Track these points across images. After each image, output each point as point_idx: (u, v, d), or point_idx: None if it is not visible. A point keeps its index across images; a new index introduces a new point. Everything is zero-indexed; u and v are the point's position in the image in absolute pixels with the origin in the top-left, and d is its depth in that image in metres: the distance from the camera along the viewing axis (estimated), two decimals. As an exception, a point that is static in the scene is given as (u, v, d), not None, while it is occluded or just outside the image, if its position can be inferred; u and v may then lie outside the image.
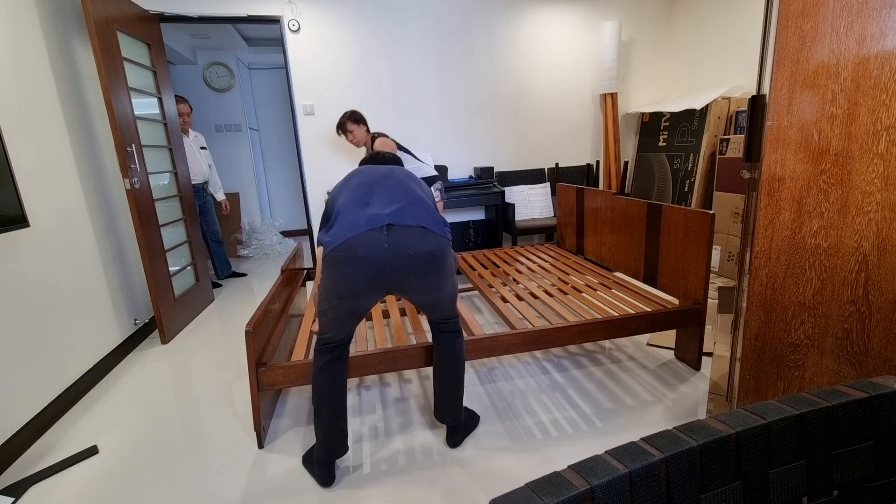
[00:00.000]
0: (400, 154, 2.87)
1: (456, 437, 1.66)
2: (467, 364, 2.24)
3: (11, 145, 1.87)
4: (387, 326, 1.94)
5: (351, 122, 2.90)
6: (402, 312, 2.21)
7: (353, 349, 1.79)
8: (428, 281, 1.43)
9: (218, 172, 4.24)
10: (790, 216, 1.18)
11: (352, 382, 2.15)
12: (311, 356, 1.74)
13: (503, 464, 1.56)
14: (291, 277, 2.41)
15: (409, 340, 1.82)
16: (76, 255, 2.22)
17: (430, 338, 1.89)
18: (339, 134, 2.98)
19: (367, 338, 1.89)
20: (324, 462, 1.51)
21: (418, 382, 2.11)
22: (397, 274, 1.39)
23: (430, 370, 2.22)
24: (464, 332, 1.67)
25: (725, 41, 3.65)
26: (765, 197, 1.21)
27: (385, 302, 2.32)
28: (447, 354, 1.60)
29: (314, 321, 1.69)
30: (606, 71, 3.94)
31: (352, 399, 2.01)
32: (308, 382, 1.69)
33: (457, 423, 1.65)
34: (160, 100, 3.01)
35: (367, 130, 2.98)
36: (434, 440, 1.70)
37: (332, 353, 1.50)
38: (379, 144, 2.85)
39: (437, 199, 3.00)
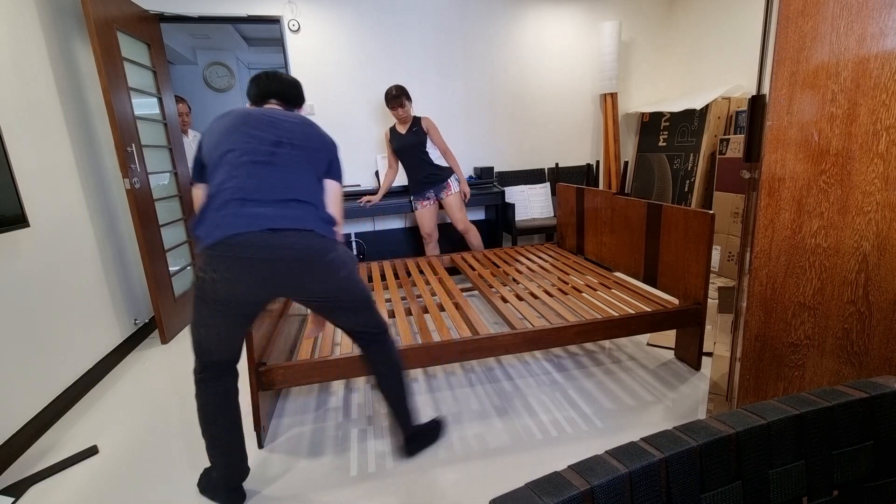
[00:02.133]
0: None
1: (410, 446, 1.58)
2: (472, 364, 2.24)
3: (11, 145, 1.87)
4: (393, 326, 1.94)
5: (406, 98, 3.01)
6: (408, 312, 2.21)
7: (353, 350, 1.79)
8: (319, 287, 1.30)
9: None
10: (790, 216, 1.18)
11: (360, 381, 2.15)
12: (316, 355, 1.74)
13: (503, 463, 1.56)
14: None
15: (414, 340, 1.81)
16: (76, 255, 2.22)
17: (436, 338, 1.88)
18: (389, 106, 3.03)
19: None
20: (232, 486, 1.42)
21: (424, 381, 2.11)
22: (285, 282, 1.26)
23: (437, 369, 2.22)
24: (390, 337, 1.52)
25: (725, 41, 3.65)
26: (765, 197, 1.21)
27: (390, 301, 2.32)
28: (379, 364, 1.47)
29: (311, 326, 1.65)
30: (606, 71, 3.94)
31: (359, 398, 2.01)
32: (308, 382, 1.69)
33: (409, 433, 1.55)
34: (160, 100, 3.01)
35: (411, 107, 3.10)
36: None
37: (220, 376, 1.34)
38: (426, 121, 3.10)
39: (456, 191, 3.18)
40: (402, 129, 3.14)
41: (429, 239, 3.32)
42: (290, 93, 1.51)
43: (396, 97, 2.97)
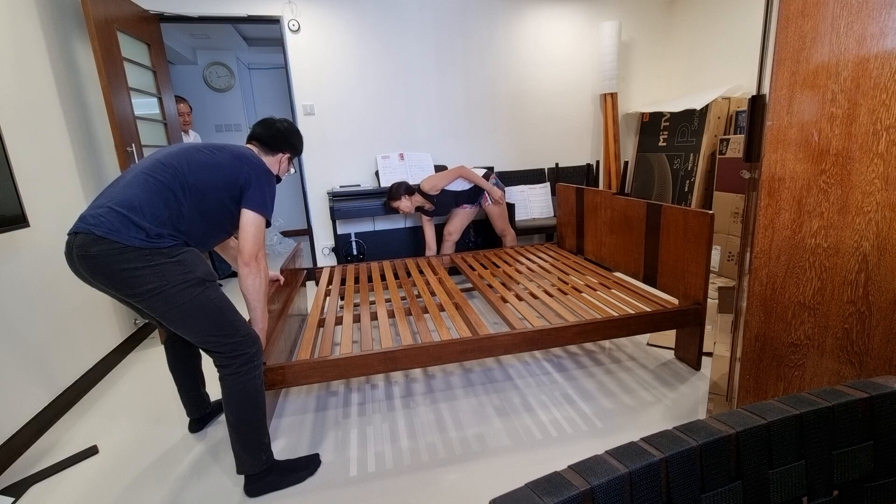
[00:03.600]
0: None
1: (249, 486, 1.48)
2: (471, 364, 2.24)
3: (11, 145, 1.87)
4: (392, 326, 1.95)
5: (392, 200, 3.17)
6: (408, 312, 2.21)
7: (360, 348, 1.79)
8: (119, 292, 1.33)
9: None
10: (790, 216, 1.18)
11: (360, 381, 2.16)
12: (316, 355, 1.74)
13: (503, 464, 1.56)
14: (291, 278, 2.41)
15: (414, 340, 1.81)
16: (76, 255, 2.22)
17: (435, 337, 1.88)
18: (391, 208, 3.25)
19: (374, 337, 1.89)
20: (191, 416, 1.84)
21: (423, 381, 2.11)
22: (86, 279, 1.35)
23: (436, 369, 2.23)
24: (246, 369, 1.43)
25: (725, 41, 3.65)
26: (765, 197, 1.21)
27: (390, 301, 2.32)
28: (222, 390, 1.43)
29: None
30: (606, 71, 3.94)
31: (359, 398, 2.01)
32: (308, 382, 1.69)
33: (243, 472, 1.47)
34: (160, 100, 3.01)
35: (411, 194, 3.17)
36: (437, 441, 1.70)
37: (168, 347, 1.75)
38: (427, 185, 3.15)
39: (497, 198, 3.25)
40: (429, 206, 3.24)
41: (448, 237, 3.35)
42: (270, 140, 1.64)
43: (385, 202, 3.23)
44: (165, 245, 1.33)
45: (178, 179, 1.37)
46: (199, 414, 1.84)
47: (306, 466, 1.57)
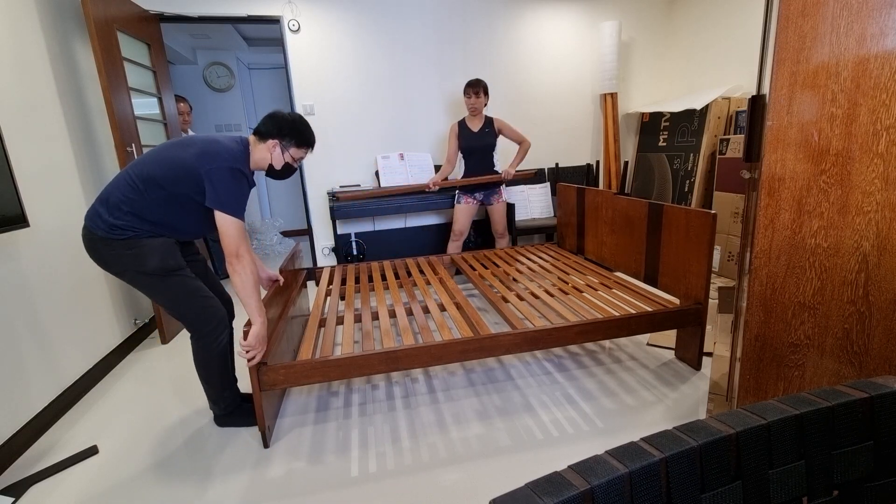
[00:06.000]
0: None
1: (215, 420, 1.88)
2: (472, 364, 2.24)
3: (11, 145, 1.87)
4: (394, 326, 1.95)
5: (485, 92, 3.06)
6: (409, 312, 2.21)
7: (361, 348, 1.79)
8: (111, 272, 1.60)
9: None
10: (790, 216, 1.18)
11: (361, 381, 2.16)
12: (317, 355, 1.74)
13: (503, 463, 1.56)
14: (291, 278, 2.41)
15: (416, 340, 1.81)
16: (76, 255, 2.22)
17: (437, 337, 1.87)
18: (465, 93, 3.07)
19: (375, 337, 1.89)
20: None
21: (424, 382, 2.12)
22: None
23: (437, 369, 2.23)
24: (202, 343, 1.72)
25: (725, 41, 3.65)
26: (765, 197, 1.21)
27: (391, 299, 2.32)
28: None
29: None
30: (606, 71, 3.94)
31: (360, 398, 2.01)
32: (309, 382, 1.69)
33: (215, 413, 1.87)
34: (160, 100, 3.01)
35: (484, 106, 3.13)
36: (438, 441, 1.70)
37: None
38: (497, 122, 3.16)
39: (505, 198, 3.25)
40: (474, 127, 3.16)
41: (457, 237, 3.29)
42: (262, 127, 1.70)
43: (475, 84, 3.02)
44: (121, 237, 1.52)
45: (143, 174, 1.53)
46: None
47: (249, 414, 1.85)
